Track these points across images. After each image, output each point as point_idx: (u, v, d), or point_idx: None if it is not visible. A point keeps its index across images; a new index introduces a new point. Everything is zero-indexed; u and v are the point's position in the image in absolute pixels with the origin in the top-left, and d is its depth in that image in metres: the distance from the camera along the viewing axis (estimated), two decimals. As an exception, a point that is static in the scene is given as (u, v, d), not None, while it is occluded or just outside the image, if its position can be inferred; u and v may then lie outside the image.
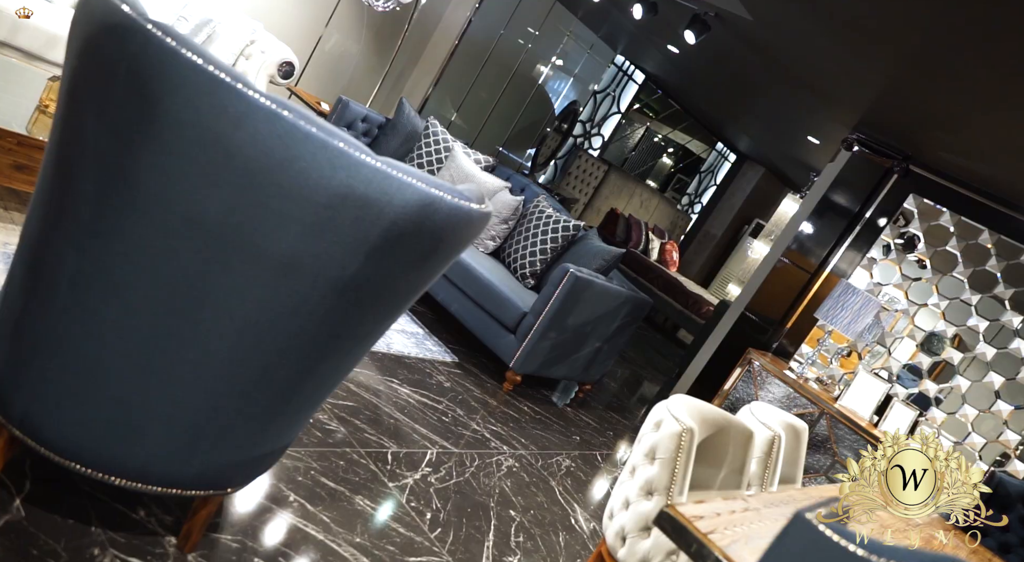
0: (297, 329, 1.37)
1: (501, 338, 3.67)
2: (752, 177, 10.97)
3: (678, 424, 1.84)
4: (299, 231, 1.26)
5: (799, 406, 4.16)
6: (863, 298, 4.11)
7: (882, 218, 4.52)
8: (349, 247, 1.31)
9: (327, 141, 1.22)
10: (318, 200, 1.24)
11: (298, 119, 1.20)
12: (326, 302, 1.36)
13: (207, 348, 1.31)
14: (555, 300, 3.54)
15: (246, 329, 1.32)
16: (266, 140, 1.19)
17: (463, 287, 3.82)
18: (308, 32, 5.71)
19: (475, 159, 4.74)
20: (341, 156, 1.23)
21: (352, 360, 1.58)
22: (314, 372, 1.48)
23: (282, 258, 1.28)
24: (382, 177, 1.27)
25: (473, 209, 1.43)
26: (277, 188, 1.22)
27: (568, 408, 4.02)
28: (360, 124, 4.75)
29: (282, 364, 1.40)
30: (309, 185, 1.23)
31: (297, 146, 1.21)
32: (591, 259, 4.00)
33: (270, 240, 1.26)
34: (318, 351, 1.44)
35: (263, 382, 1.40)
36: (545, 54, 7.31)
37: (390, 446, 2.52)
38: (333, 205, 1.26)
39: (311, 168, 1.22)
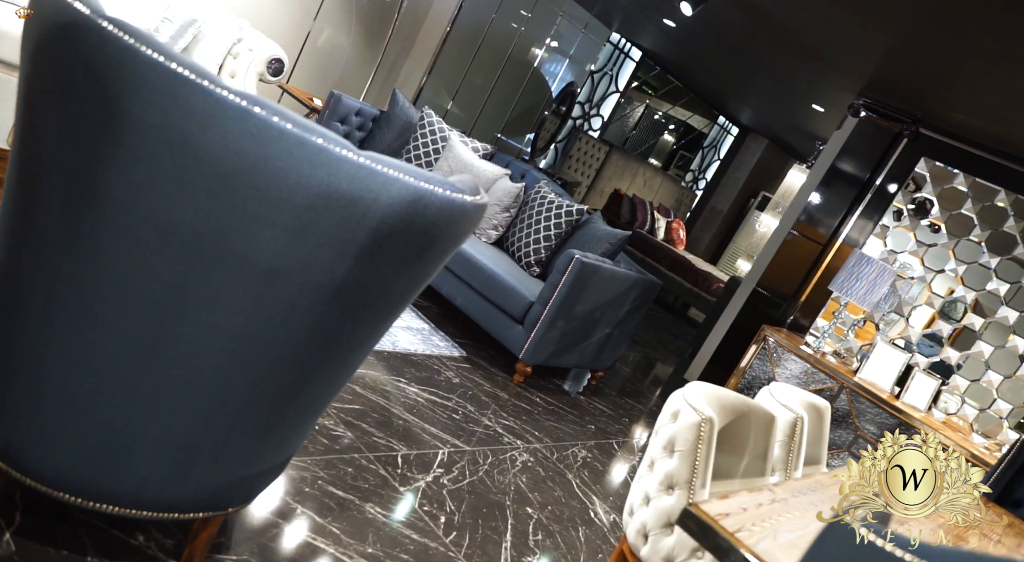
0: (287, 339, 1.29)
1: (509, 329, 3.59)
2: (756, 150, 10.81)
3: (696, 414, 1.75)
4: (281, 236, 1.18)
5: (817, 382, 4.07)
6: (878, 267, 4.01)
7: (893, 184, 4.40)
8: (336, 250, 1.23)
9: (304, 137, 1.13)
10: (298, 201, 1.16)
11: (271, 115, 1.12)
12: (316, 309, 1.28)
13: (192, 365, 1.24)
14: (562, 288, 3.45)
15: (232, 343, 1.24)
16: (238, 140, 1.10)
17: (467, 279, 3.74)
18: (296, 27, 5.61)
19: (473, 147, 4.65)
20: (320, 153, 1.15)
21: (351, 366, 1.50)
22: (310, 382, 1.40)
23: (265, 265, 1.20)
24: (366, 173, 1.18)
25: (467, 201, 1.34)
26: (253, 191, 1.14)
27: (581, 396, 3.95)
28: (354, 118, 4.65)
29: (274, 377, 1.33)
30: (288, 186, 1.14)
31: (271, 144, 1.12)
32: (596, 243, 3.90)
33: (251, 247, 1.17)
34: (312, 360, 1.36)
35: (256, 397, 1.33)
36: (539, 36, 7.17)
37: (400, 449, 2.45)
38: (315, 206, 1.17)
39: (288, 167, 1.14)
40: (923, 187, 4.30)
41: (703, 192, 11.30)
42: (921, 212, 4.31)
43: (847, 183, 4.53)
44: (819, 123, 6.86)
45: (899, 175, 4.36)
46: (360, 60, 6.15)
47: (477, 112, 7.06)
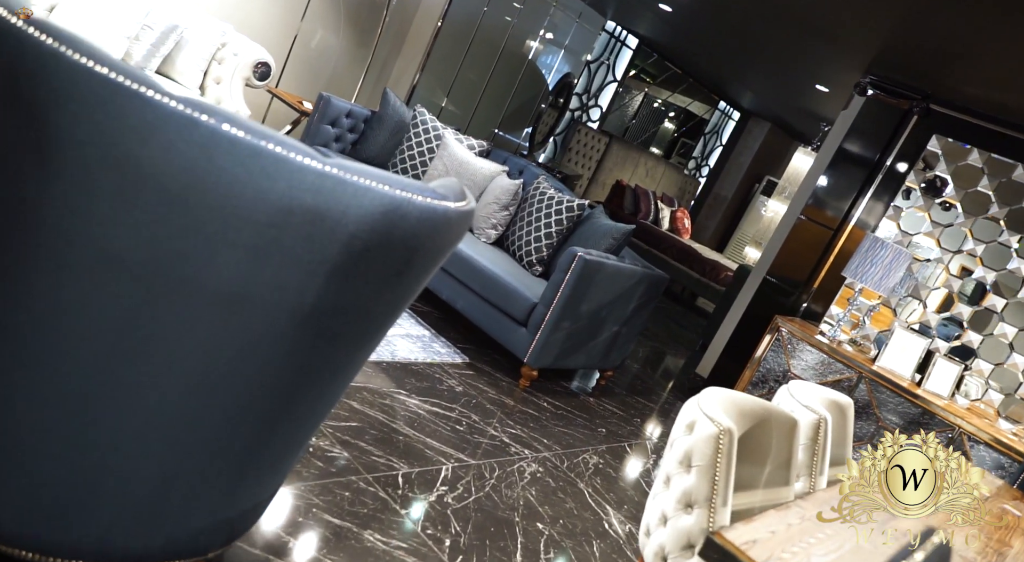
0: (258, 371, 1.16)
1: (512, 332, 3.46)
2: (758, 134, 10.63)
3: (713, 425, 1.62)
4: (241, 258, 1.05)
5: (835, 372, 3.93)
6: (893, 250, 3.86)
7: (905, 163, 4.24)
8: (305, 270, 1.10)
9: (259, 146, 1.00)
10: (258, 219, 1.03)
11: (221, 123, 0.99)
12: (288, 337, 1.15)
13: (151, 407, 1.11)
14: (565, 287, 3.32)
15: (195, 379, 1.11)
16: (184, 153, 0.97)
17: (467, 282, 3.61)
18: (283, 29, 5.47)
19: (468, 145, 4.51)
20: (279, 163, 1.02)
21: (333, 393, 1.38)
22: (289, 414, 1.28)
23: (226, 292, 1.07)
24: (333, 183, 1.05)
25: (450, 208, 1.21)
26: (206, 210, 1.01)
27: (590, 398, 3.82)
28: (344, 120, 4.52)
29: (247, 412, 1.20)
30: (245, 202, 1.02)
31: (223, 156, 0.99)
32: (600, 239, 3.76)
33: (207, 272, 1.05)
34: (289, 391, 1.24)
35: (228, 435, 1.20)
36: (532, 28, 7.02)
37: (400, 467, 2.33)
38: (277, 223, 1.04)
39: (244, 181, 1.01)
40: (936, 165, 4.14)
41: (706, 179, 11.13)
42: (935, 191, 4.15)
43: (856, 164, 4.37)
44: (824, 104, 6.69)
45: (910, 154, 4.21)
46: (350, 60, 6.02)
47: (473, 108, 6.92)
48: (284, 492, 1.95)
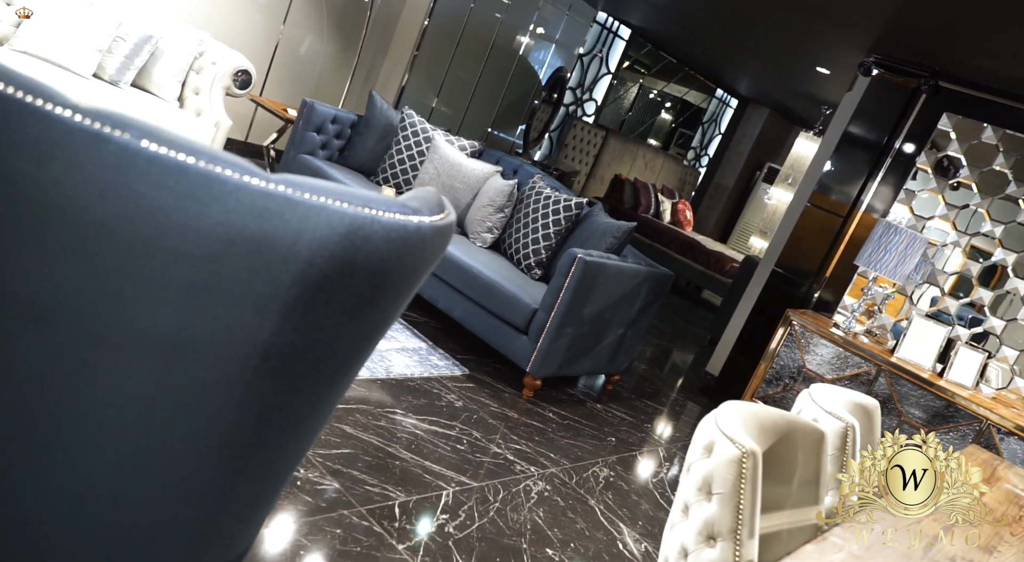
0: (208, 424, 1.00)
1: (513, 341, 3.29)
2: (757, 120, 10.45)
3: (735, 447, 1.46)
4: (175, 299, 0.89)
5: (852, 366, 3.76)
6: (907, 236, 3.68)
7: (915, 145, 4.07)
8: (253, 308, 0.93)
9: (185, 165, 0.84)
10: (190, 251, 0.87)
11: (138, 138, 0.83)
12: (240, 384, 0.99)
13: (81, 477, 0.95)
14: (566, 291, 3.16)
15: (132, 441, 0.96)
16: (93, 176, 0.81)
17: (463, 290, 3.45)
18: (264, 35, 5.31)
19: (460, 146, 4.35)
20: (211, 184, 0.85)
21: (305, 436, 1.22)
22: (250, 469, 1.12)
23: (160, 339, 0.91)
24: (279, 204, 0.89)
25: (424, 224, 1.04)
26: (126, 244, 0.85)
27: (598, 405, 3.65)
28: (330, 126, 4.36)
29: (201, 470, 1.04)
30: (172, 233, 0.85)
31: (140, 178, 0.83)
32: (600, 238, 3.60)
33: (136, 317, 0.89)
34: (249, 442, 1.08)
35: (179, 500, 1.04)
36: (522, 23, 6.85)
37: (397, 496, 2.17)
38: (215, 255, 0.88)
39: (169, 208, 0.85)
40: (948, 145, 3.97)
41: (706, 169, 10.96)
42: (948, 172, 3.98)
43: (864, 148, 4.20)
44: (825, 86, 6.51)
45: (920, 134, 4.03)
46: (336, 64, 5.86)
47: (464, 108, 6.76)
48: (267, 535, 1.79)
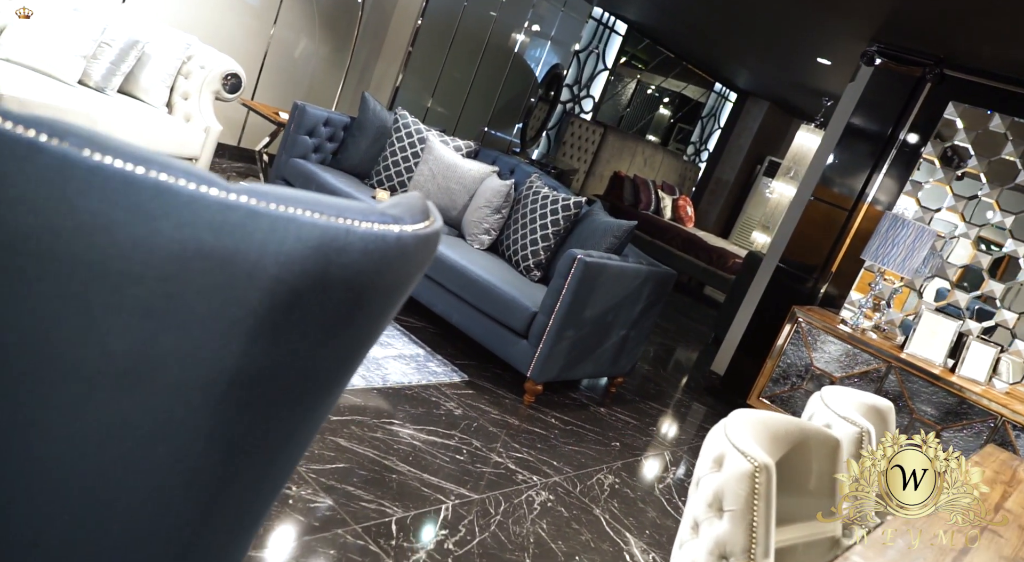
0: (173, 460, 0.91)
1: (513, 345, 3.21)
2: (757, 114, 10.36)
3: (746, 460, 1.37)
4: (128, 324, 0.80)
5: (861, 363, 3.67)
6: (915, 229, 3.60)
7: (921, 135, 3.98)
8: (217, 331, 0.85)
9: (132, 175, 0.75)
10: (142, 272, 0.78)
11: (78, 147, 0.74)
12: (207, 413, 0.90)
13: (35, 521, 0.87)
14: (566, 293, 3.07)
15: (89, 481, 0.87)
16: (26, 190, 0.73)
17: (461, 294, 3.37)
18: (254, 38, 5.23)
19: (455, 146, 4.26)
20: (163, 196, 0.77)
21: (284, 465, 1.13)
22: (223, 503, 1.03)
23: (114, 368, 0.82)
24: (242, 217, 0.81)
25: (405, 233, 0.96)
26: (72, 265, 0.76)
27: (601, 408, 3.57)
28: (323, 129, 4.28)
29: (167, 511, 0.96)
30: (120, 252, 0.77)
31: (85, 193, 0.74)
32: (600, 238, 3.51)
33: (86, 346, 0.80)
34: (221, 476, 0.99)
35: (143, 544, 0.96)
36: (516, 21, 6.76)
37: (394, 512, 2.08)
38: (170, 274, 0.79)
39: (117, 224, 0.76)
40: (954, 135, 3.88)
41: (706, 164, 10.86)
42: (955, 162, 3.89)
43: (868, 139, 4.11)
44: (826, 78, 6.41)
45: (926, 124, 3.94)
46: (328, 66, 5.77)
47: (460, 107, 6.67)
48: (256, 559, 1.71)
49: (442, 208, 4.04)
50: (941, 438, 3.43)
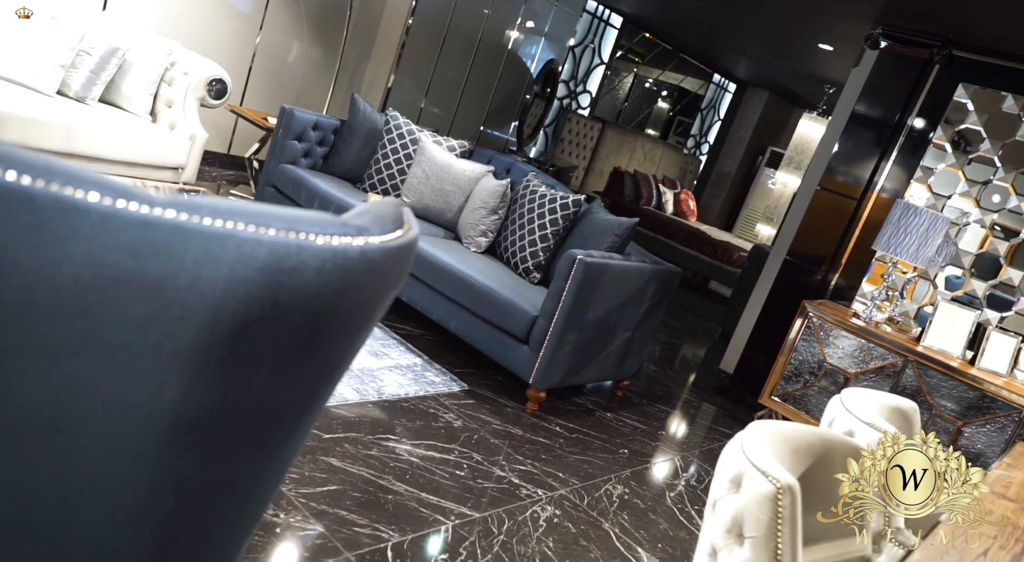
0: (114, 514, 0.79)
1: (513, 351, 3.08)
2: (757, 104, 10.21)
3: (768, 481, 1.24)
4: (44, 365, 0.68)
5: (876, 358, 3.53)
6: (928, 217, 3.46)
7: (930, 119, 3.84)
8: (148, 369, 0.72)
9: (32, 191, 0.63)
10: (52, 306, 0.66)
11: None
12: (147, 461, 0.78)
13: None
14: (567, 295, 2.94)
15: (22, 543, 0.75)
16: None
17: (458, 299, 3.24)
18: (241, 42, 5.11)
19: (448, 146, 4.14)
20: (70, 214, 0.64)
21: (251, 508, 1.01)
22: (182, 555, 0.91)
23: (35, 417, 0.70)
24: (168, 234, 0.68)
25: (370, 246, 0.83)
26: (-35, 298, 0.64)
27: (607, 413, 3.44)
28: (312, 133, 4.16)
29: None
30: (23, 283, 0.65)
31: (-28, 214, 0.62)
32: (601, 237, 3.38)
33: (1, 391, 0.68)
34: (174, 527, 0.87)
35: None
36: (509, 18, 6.64)
37: (390, 536, 1.96)
38: (83, 307, 0.67)
39: (20, 251, 0.64)
40: (965, 117, 3.74)
41: (707, 156, 10.72)
42: (967, 146, 3.75)
43: (875, 126, 3.97)
44: (828, 64, 6.27)
45: (935, 108, 3.80)
46: (318, 69, 5.65)
47: (454, 107, 6.55)
48: (241, 597, 1.58)
49: (437, 210, 3.91)
50: (963, 434, 3.30)
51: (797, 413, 3.72)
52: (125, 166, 3.79)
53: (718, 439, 3.59)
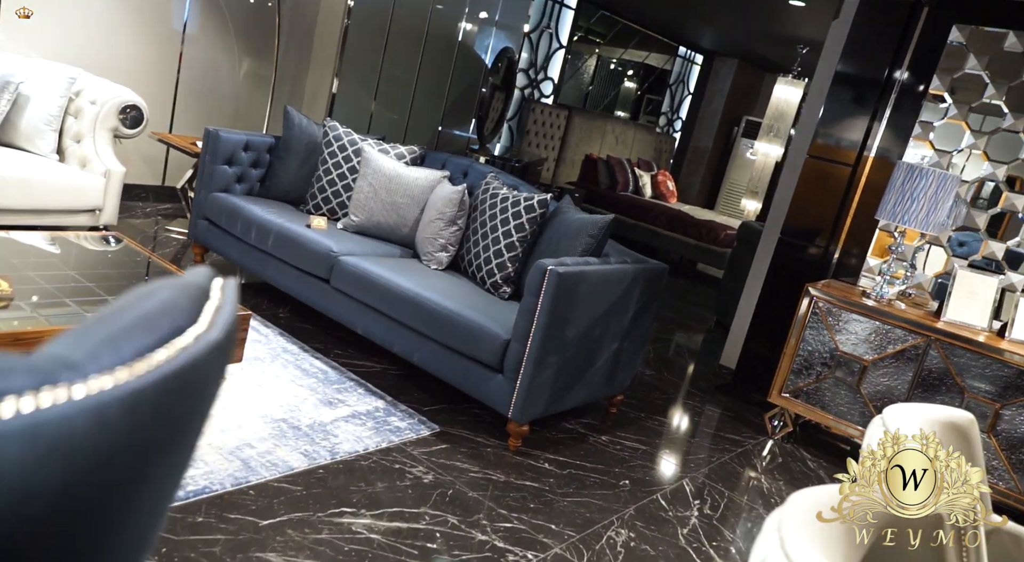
0: None
1: (487, 382, 2.68)
2: (727, 74, 9.85)
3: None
4: None
5: (894, 341, 3.16)
6: (936, 178, 3.08)
7: (923, 69, 3.46)
8: None
9: None
10: None
11: None
12: None
13: None
14: (541, 313, 2.54)
15: None
16: None
17: (419, 328, 2.84)
18: (161, 62, 4.66)
19: (397, 153, 3.72)
20: None
21: None
22: None
23: None
24: None
25: (57, 410, 0.43)
26: None
27: (602, 437, 3.04)
28: (243, 155, 3.73)
29: None
30: None
31: None
32: (574, 239, 2.98)
33: None
34: None
35: None
36: (455, 9, 6.21)
37: (341, 658, 1.55)
38: None
39: None
40: (964, 63, 3.36)
41: (681, 133, 10.35)
42: (970, 94, 3.37)
43: (863, 83, 3.59)
44: (800, 22, 5.89)
45: (928, 55, 3.42)
46: (253, 83, 5.21)
47: (408, 108, 6.12)
48: None
49: (390, 227, 3.50)
50: (1002, 418, 2.93)
51: (812, 409, 3.35)
52: (33, 214, 3.35)
53: (728, 449, 3.21)
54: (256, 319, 3.28)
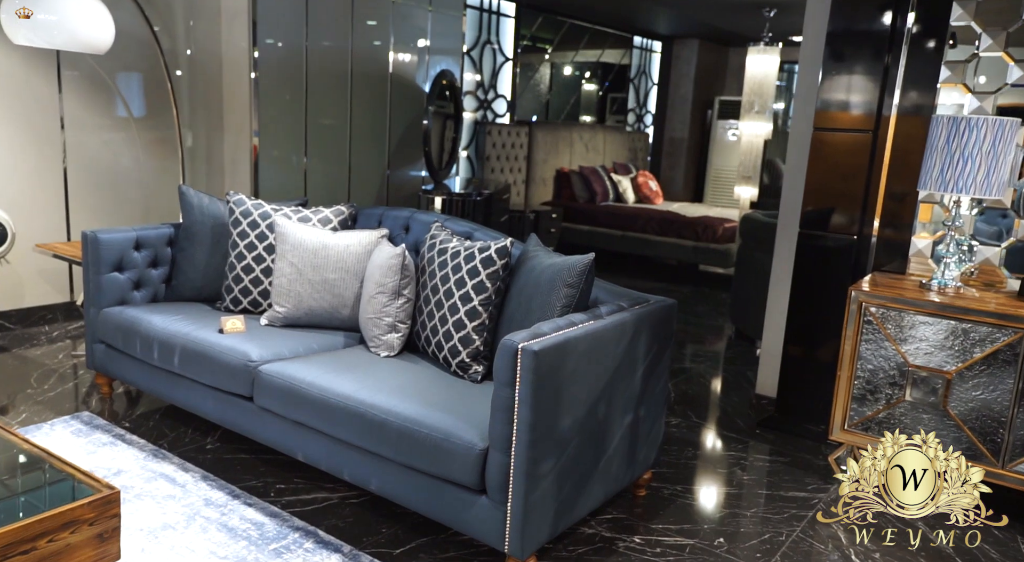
0: None
1: (469, 508, 1.98)
2: (689, 56, 9.25)
3: None
4: None
5: (980, 343, 2.45)
6: (990, 127, 2.41)
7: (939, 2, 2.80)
8: None
9: None
10: None
11: None
12: None
13: None
14: (521, 408, 1.85)
15: None
16: None
17: (370, 447, 2.14)
18: (39, 157, 3.99)
19: (321, 218, 3.05)
20: None
21: None
22: None
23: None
24: None
25: None
26: None
27: (635, 538, 2.32)
28: (135, 255, 3.05)
29: None
30: None
31: None
32: (549, 293, 2.29)
33: None
34: None
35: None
36: (376, 40, 5.58)
37: None
38: None
39: None
40: (986, -18, 2.70)
41: (654, 127, 9.72)
42: (1004, 18, 2.70)
43: (865, 34, 2.93)
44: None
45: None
46: (159, 162, 4.54)
47: (347, 157, 5.46)
48: None
49: (326, 312, 2.82)
50: None
51: (890, 442, 2.63)
52: None
53: (792, 509, 2.49)
54: (172, 462, 2.58)
